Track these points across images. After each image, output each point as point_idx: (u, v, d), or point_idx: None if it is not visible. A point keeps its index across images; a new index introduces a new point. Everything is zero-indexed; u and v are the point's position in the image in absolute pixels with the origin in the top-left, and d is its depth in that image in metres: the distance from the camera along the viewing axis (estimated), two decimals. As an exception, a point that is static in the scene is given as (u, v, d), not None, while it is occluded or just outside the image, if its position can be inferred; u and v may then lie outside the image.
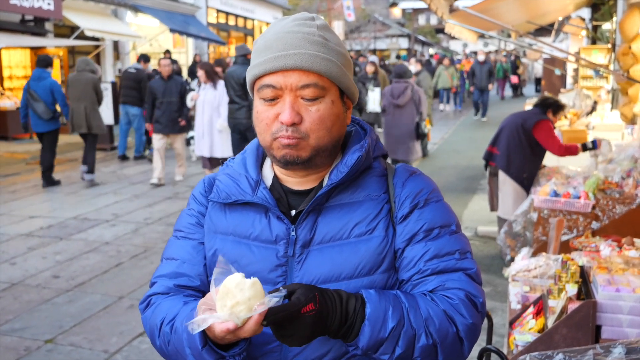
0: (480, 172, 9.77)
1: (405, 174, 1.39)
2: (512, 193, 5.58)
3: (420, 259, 1.32)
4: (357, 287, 1.29)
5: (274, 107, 1.29)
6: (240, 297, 1.12)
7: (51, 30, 14.79)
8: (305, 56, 1.25)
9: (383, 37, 38.75)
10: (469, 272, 1.33)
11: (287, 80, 1.26)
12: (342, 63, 1.31)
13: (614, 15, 10.04)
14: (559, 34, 17.12)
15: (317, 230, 1.32)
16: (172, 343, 1.30)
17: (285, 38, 1.27)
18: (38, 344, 4.12)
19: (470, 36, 9.00)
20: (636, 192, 4.29)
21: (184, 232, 1.45)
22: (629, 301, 2.40)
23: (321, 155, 1.31)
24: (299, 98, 1.27)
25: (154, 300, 1.40)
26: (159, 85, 8.94)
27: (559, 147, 5.36)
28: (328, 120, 1.29)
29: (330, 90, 1.29)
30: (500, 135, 5.71)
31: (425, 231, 1.33)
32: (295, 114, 1.26)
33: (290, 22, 1.30)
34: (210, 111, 8.47)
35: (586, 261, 2.91)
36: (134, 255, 5.94)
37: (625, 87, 6.45)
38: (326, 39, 1.29)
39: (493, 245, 6.03)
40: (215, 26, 21.48)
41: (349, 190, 1.34)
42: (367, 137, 1.38)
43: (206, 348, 1.20)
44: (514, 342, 2.61)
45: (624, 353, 1.75)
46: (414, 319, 1.24)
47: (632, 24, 5.96)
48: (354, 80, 1.39)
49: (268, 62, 1.27)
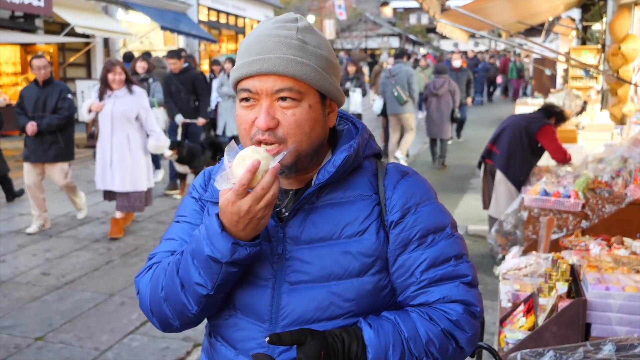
0: (470, 171, 9.83)
1: (397, 176, 1.37)
2: (507, 194, 5.59)
3: (416, 268, 1.32)
4: (347, 287, 1.30)
5: (252, 110, 1.28)
6: (258, 155, 1.20)
7: (41, 26, 14.70)
8: (280, 60, 1.24)
9: (374, 36, 38.80)
10: (466, 280, 1.34)
11: (263, 84, 1.25)
12: (322, 66, 1.29)
13: (603, 15, 10.11)
14: (549, 34, 17.20)
15: (307, 229, 1.32)
16: (185, 256, 1.29)
17: (263, 41, 1.26)
18: (28, 342, 4.10)
19: (462, 36, 9.03)
20: (625, 192, 4.32)
21: (187, 217, 1.45)
22: (618, 299, 2.43)
23: (302, 160, 1.30)
24: (275, 102, 1.26)
25: (156, 266, 1.41)
26: (30, 94, 6.34)
27: (564, 152, 5.39)
28: (305, 125, 1.27)
29: (307, 94, 1.27)
30: (501, 135, 5.69)
31: (419, 239, 1.33)
32: (271, 119, 1.25)
33: (272, 24, 1.29)
34: (123, 127, 6.07)
35: (576, 260, 2.94)
36: (125, 253, 5.93)
37: (614, 88, 6.50)
38: (305, 42, 1.27)
39: (484, 243, 6.07)
40: (206, 24, 21.42)
41: (339, 190, 1.34)
42: (357, 137, 1.37)
43: (224, 232, 1.22)
44: (505, 340, 2.63)
45: (614, 350, 1.77)
46: (414, 347, 1.28)
47: (621, 25, 6.00)
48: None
49: (245, 67, 1.26)
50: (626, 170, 4.50)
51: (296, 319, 1.30)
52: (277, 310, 1.32)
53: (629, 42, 5.99)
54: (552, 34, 17.39)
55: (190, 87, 8.57)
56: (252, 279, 1.33)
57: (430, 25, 38.52)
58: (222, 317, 1.38)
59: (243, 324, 1.35)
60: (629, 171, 4.45)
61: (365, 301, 1.32)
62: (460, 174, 9.78)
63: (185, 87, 8.54)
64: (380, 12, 40.58)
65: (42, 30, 14.66)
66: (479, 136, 12.84)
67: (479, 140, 11.80)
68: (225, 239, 1.21)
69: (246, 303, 1.34)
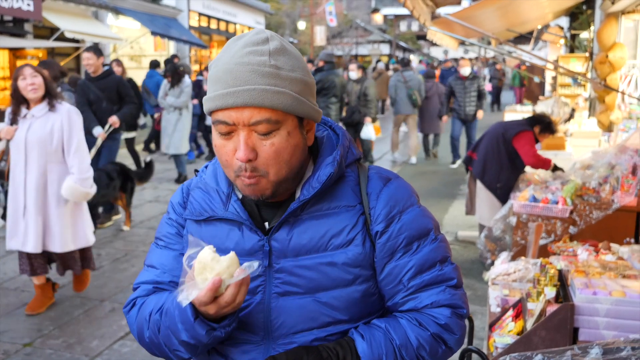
0: (460, 177, 9.88)
1: (379, 184, 1.37)
2: (487, 200, 5.62)
3: (404, 276, 1.35)
4: (336, 296, 1.32)
5: (230, 140, 1.27)
6: (218, 268, 1.19)
7: (30, 31, 14.62)
8: (255, 92, 1.21)
9: (365, 43, 38.89)
10: (452, 284, 1.37)
11: (240, 116, 1.23)
12: (298, 91, 1.26)
13: (591, 24, 10.22)
14: (538, 42, 17.34)
15: (293, 241, 1.33)
16: (164, 326, 1.32)
17: (235, 71, 1.22)
18: (17, 348, 4.08)
19: (451, 43, 9.09)
20: (612, 198, 4.37)
21: (164, 241, 1.46)
22: (605, 304, 2.45)
23: (284, 185, 1.31)
24: (253, 132, 1.25)
25: (139, 300, 1.42)
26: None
27: (533, 155, 5.33)
28: (285, 153, 1.26)
29: (285, 122, 1.25)
30: (481, 141, 5.75)
31: (405, 247, 1.35)
32: (250, 151, 1.24)
33: (241, 48, 1.24)
34: (40, 159, 4.33)
35: (564, 265, 2.97)
36: (115, 259, 5.90)
37: (602, 95, 6.58)
38: (278, 67, 1.23)
39: (473, 249, 6.10)
40: (197, 29, 21.40)
41: (324, 201, 1.34)
42: (338, 148, 1.36)
43: (198, 320, 1.23)
44: (494, 345, 2.65)
45: (601, 353, 1.79)
46: (406, 354, 1.31)
47: (609, 33, 6.08)
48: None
49: (219, 99, 1.23)
50: (613, 177, 4.55)
51: (289, 329, 1.32)
52: (268, 322, 1.33)
53: (616, 51, 6.07)
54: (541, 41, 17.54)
55: (113, 95, 6.96)
56: None
57: (420, 32, 38.73)
58: None
59: (238, 337, 1.36)
60: (616, 178, 4.51)
61: (354, 309, 1.34)
62: (450, 180, 9.83)
63: (107, 94, 6.91)
64: (371, 19, 40.70)
65: (31, 34, 14.58)
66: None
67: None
68: (200, 327, 1.24)
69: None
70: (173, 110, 9.13)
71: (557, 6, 9.70)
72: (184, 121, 9.21)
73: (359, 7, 40.43)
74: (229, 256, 1.21)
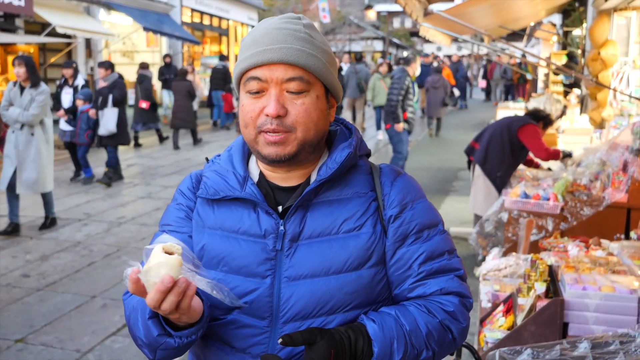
0: (453, 174, 9.90)
1: (393, 174, 1.42)
2: (484, 189, 5.67)
3: (415, 261, 1.36)
4: (346, 281, 1.32)
5: (259, 100, 1.30)
6: (152, 262, 1.14)
7: (22, 26, 14.53)
8: (292, 50, 1.27)
9: (358, 40, 38.92)
10: (459, 274, 1.40)
11: (273, 73, 1.28)
12: (327, 61, 1.33)
13: (584, 21, 10.26)
14: (531, 39, 17.40)
15: (306, 225, 1.34)
16: (133, 317, 1.32)
17: (272, 34, 1.29)
18: (8, 344, 4.06)
19: (444, 40, 9.10)
20: (603, 195, 4.40)
21: (172, 225, 1.44)
22: (594, 299, 2.47)
23: (306, 150, 1.32)
24: (284, 92, 1.28)
25: None
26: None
27: (545, 149, 5.46)
28: (314, 114, 1.30)
29: (315, 85, 1.31)
30: (484, 132, 5.83)
31: (416, 233, 1.38)
32: (281, 107, 1.28)
33: (278, 20, 1.33)
34: None
35: (554, 261, 2.99)
36: (107, 255, 5.89)
37: (594, 92, 6.61)
38: (312, 37, 1.31)
39: (465, 245, 6.12)
40: (189, 25, 21.33)
41: (337, 187, 1.37)
42: (353, 136, 1.41)
43: (152, 320, 1.23)
44: (484, 339, 2.67)
45: (589, 348, 1.81)
46: (416, 341, 1.31)
47: (601, 31, 6.11)
48: None
49: (255, 56, 1.28)
50: (604, 173, 4.58)
51: (297, 313, 1.31)
52: (277, 307, 1.32)
53: (608, 48, 6.10)
54: (534, 38, 17.59)
55: None
56: (250, 276, 1.34)
57: (413, 29, 38.71)
58: (219, 317, 1.37)
59: (242, 322, 1.34)
60: (607, 174, 4.53)
61: (363, 294, 1.34)
62: (443, 177, 9.86)
63: None
64: (364, 16, 40.68)
65: (22, 30, 14.49)
66: (461, 139, 12.94)
67: (460, 144, 11.88)
68: (154, 327, 1.24)
69: (245, 301, 1.34)
70: (20, 127, 6.35)
71: (550, 3, 9.73)
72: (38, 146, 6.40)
73: (352, 3, 40.40)
74: (170, 257, 1.14)
